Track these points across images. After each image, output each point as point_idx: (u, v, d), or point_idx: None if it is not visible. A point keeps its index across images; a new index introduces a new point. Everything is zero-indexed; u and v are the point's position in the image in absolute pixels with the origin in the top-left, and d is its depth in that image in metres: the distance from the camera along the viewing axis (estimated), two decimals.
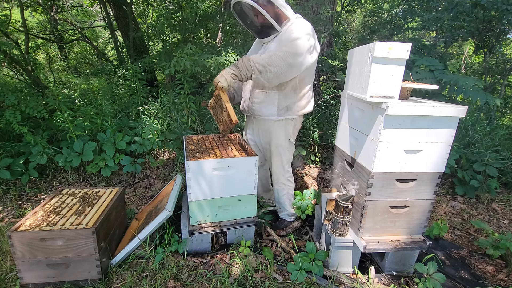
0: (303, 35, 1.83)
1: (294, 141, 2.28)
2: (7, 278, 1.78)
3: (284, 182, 2.37)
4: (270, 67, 1.79)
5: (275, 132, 2.17)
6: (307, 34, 1.85)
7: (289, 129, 2.17)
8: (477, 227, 2.44)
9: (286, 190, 2.42)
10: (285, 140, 2.19)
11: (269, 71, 1.80)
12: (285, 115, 2.10)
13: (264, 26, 1.94)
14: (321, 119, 3.83)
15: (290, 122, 2.15)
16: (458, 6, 3.67)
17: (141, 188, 3.06)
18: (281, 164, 2.28)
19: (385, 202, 1.74)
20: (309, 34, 1.87)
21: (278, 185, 2.41)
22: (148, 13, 6.42)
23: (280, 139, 2.18)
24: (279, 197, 2.46)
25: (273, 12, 1.88)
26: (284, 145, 2.21)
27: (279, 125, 2.14)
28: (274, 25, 1.90)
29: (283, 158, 2.26)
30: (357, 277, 1.92)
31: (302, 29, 1.86)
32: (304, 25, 1.89)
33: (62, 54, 8.14)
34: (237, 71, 1.82)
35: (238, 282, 1.78)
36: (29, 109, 2.88)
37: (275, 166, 2.31)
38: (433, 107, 1.54)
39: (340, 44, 4.56)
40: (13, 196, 2.72)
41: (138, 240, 1.88)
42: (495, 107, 4.19)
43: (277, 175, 2.35)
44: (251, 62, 1.80)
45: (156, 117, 3.56)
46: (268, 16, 1.86)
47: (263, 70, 1.80)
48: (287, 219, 2.53)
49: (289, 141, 2.22)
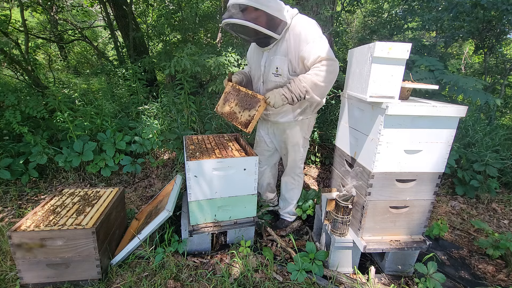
0: (317, 36, 1.76)
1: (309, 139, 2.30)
2: (7, 278, 1.78)
3: (294, 177, 2.38)
4: (322, 83, 1.75)
5: (292, 132, 2.17)
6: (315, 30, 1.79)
7: (305, 128, 2.19)
8: (477, 227, 2.44)
9: (294, 185, 2.41)
10: (301, 138, 2.20)
11: (320, 87, 1.76)
12: (301, 117, 2.10)
13: (260, 38, 1.86)
14: (321, 119, 3.82)
15: (306, 121, 2.16)
16: (458, 6, 3.67)
17: (141, 188, 3.06)
18: (295, 160, 2.30)
19: (385, 202, 1.74)
20: (312, 27, 1.80)
21: (287, 178, 2.41)
22: (148, 13, 6.43)
23: (296, 138, 2.19)
24: (286, 191, 2.44)
25: (266, 22, 1.75)
26: (300, 143, 2.22)
27: (295, 125, 2.14)
28: (271, 35, 1.78)
29: (297, 155, 2.27)
30: (357, 277, 1.92)
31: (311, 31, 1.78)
32: (308, 26, 1.81)
33: (62, 54, 8.14)
34: (289, 93, 1.77)
35: (238, 282, 1.78)
36: (29, 109, 2.88)
37: (290, 161, 2.33)
38: (433, 107, 1.54)
39: (340, 44, 4.57)
40: (13, 196, 2.72)
41: (138, 240, 1.88)
42: (495, 107, 4.20)
43: (290, 169, 2.37)
44: (303, 83, 1.75)
45: (156, 117, 3.57)
46: (261, 28, 1.73)
47: (315, 88, 1.76)
48: (288, 218, 2.51)
49: (304, 138, 2.23)
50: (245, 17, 1.69)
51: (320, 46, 1.74)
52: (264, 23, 1.74)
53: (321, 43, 1.75)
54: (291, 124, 2.12)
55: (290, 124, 2.12)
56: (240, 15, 1.69)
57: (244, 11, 1.70)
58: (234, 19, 1.69)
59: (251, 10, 1.70)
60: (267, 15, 1.73)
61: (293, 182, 2.40)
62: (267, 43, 1.89)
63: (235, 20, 1.69)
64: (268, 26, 1.75)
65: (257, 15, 1.72)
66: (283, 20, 1.78)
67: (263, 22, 1.74)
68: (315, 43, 1.74)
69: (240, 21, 1.68)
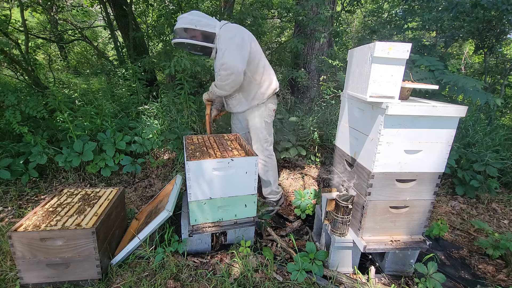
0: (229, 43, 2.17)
1: (272, 122, 2.61)
2: (7, 278, 1.78)
3: (265, 159, 2.61)
4: (216, 89, 2.34)
5: (251, 117, 2.53)
6: (230, 38, 2.18)
7: (262, 112, 2.50)
8: (477, 227, 2.44)
9: (268, 167, 2.63)
10: (261, 121, 2.51)
11: (216, 90, 2.35)
12: (255, 102, 2.45)
13: (203, 50, 2.28)
14: (321, 119, 3.82)
15: (262, 105, 2.48)
16: (458, 6, 3.66)
17: (141, 188, 3.06)
18: (260, 143, 2.57)
19: (385, 202, 1.74)
20: (233, 37, 2.18)
21: (260, 162, 2.60)
22: (148, 13, 6.42)
23: (255, 121, 2.52)
24: (262, 174, 2.67)
25: (201, 36, 2.20)
26: (261, 126, 2.52)
27: (253, 111, 2.50)
28: (206, 45, 2.24)
29: (261, 137, 2.55)
30: (357, 277, 1.92)
31: (225, 39, 2.19)
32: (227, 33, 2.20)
33: (62, 54, 8.14)
34: (208, 93, 2.52)
35: (238, 282, 1.78)
36: (29, 109, 2.88)
37: (255, 146, 2.60)
38: (433, 107, 1.54)
39: (340, 44, 4.57)
40: (13, 196, 2.72)
41: (138, 240, 1.88)
42: (495, 107, 4.19)
43: (260, 153, 2.60)
44: (211, 88, 2.41)
45: (156, 117, 3.56)
46: (198, 42, 2.21)
47: (215, 90, 2.37)
48: (273, 198, 2.73)
49: (265, 121, 2.52)
50: (185, 36, 2.20)
51: (226, 56, 2.17)
52: (199, 37, 2.21)
53: (228, 53, 2.17)
54: (249, 111, 2.51)
55: (248, 111, 2.51)
56: (180, 36, 2.21)
57: (184, 32, 2.19)
58: (176, 39, 2.22)
59: (188, 30, 2.19)
60: (200, 31, 2.19)
61: (265, 165, 2.62)
62: (209, 53, 2.30)
63: (177, 40, 2.21)
64: (202, 39, 2.22)
65: (193, 33, 2.20)
66: (212, 32, 2.22)
67: (198, 37, 2.21)
68: (224, 51, 2.18)
69: (181, 40, 2.20)
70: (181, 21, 2.19)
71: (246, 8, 4.45)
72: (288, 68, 4.82)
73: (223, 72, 2.20)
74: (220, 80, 2.25)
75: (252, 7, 4.40)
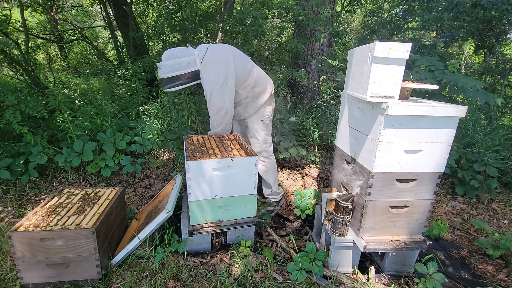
0: (213, 86, 2.18)
1: (271, 122, 2.64)
2: (7, 278, 1.78)
3: (265, 160, 2.63)
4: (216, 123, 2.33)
5: (251, 121, 2.56)
6: (213, 81, 2.18)
7: (260, 114, 2.52)
8: (477, 227, 2.44)
9: (267, 167, 2.65)
10: (258, 122, 2.54)
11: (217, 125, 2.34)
12: (253, 111, 2.49)
13: (193, 85, 2.31)
14: (321, 119, 3.83)
15: (261, 109, 2.51)
16: (458, 6, 3.67)
17: (141, 188, 3.06)
18: (258, 143, 2.59)
19: (385, 202, 1.74)
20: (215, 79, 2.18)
21: (260, 162, 2.63)
22: (148, 13, 6.42)
23: (254, 123, 2.55)
24: (262, 174, 2.69)
25: (187, 76, 2.22)
26: (259, 126, 2.55)
27: (251, 115, 2.53)
28: (194, 83, 2.27)
29: (259, 138, 2.58)
30: (357, 277, 1.92)
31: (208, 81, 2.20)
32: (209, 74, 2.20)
33: (62, 54, 8.14)
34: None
35: (238, 282, 1.78)
36: (29, 109, 2.88)
37: (254, 146, 2.62)
38: (433, 107, 1.54)
39: (340, 44, 4.57)
40: (13, 196, 2.72)
41: (138, 240, 1.88)
42: (495, 107, 4.20)
43: (259, 154, 2.61)
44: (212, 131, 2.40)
45: (156, 117, 3.56)
46: (187, 84, 2.25)
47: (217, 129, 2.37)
48: (274, 199, 2.74)
49: (263, 122, 2.55)
50: (173, 83, 2.21)
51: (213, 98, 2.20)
52: (186, 78, 2.23)
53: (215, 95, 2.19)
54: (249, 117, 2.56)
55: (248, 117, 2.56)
56: (168, 84, 2.22)
57: (171, 80, 2.21)
58: (166, 88, 2.25)
59: (174, 77, 2.20)
60: (184, 74, 2.20)
61: (265, 165, 2.64)
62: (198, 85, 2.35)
63: (168, 89, 2.24)
64: (190, 79, 2.25)
65: (179, 78, 2.21)
66: (196, 69, 2.22)
67: (185, 78, 2.23)
68: (211, 93, 2.20)
69: (171, 89, 2.23)
70: (163, 70, 2.18)
71: (246, 8, 4.45)
72: (288, 68, 4.82)
73: (213, 112, 2.27)
74: (215, 121, 2.32)
75: (252, 7, 4.40)
